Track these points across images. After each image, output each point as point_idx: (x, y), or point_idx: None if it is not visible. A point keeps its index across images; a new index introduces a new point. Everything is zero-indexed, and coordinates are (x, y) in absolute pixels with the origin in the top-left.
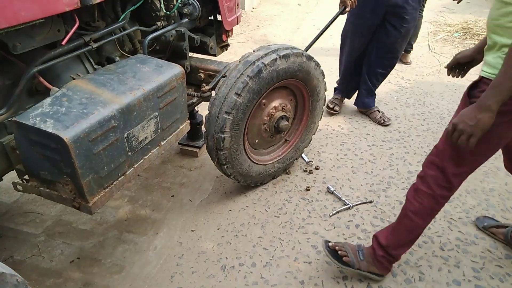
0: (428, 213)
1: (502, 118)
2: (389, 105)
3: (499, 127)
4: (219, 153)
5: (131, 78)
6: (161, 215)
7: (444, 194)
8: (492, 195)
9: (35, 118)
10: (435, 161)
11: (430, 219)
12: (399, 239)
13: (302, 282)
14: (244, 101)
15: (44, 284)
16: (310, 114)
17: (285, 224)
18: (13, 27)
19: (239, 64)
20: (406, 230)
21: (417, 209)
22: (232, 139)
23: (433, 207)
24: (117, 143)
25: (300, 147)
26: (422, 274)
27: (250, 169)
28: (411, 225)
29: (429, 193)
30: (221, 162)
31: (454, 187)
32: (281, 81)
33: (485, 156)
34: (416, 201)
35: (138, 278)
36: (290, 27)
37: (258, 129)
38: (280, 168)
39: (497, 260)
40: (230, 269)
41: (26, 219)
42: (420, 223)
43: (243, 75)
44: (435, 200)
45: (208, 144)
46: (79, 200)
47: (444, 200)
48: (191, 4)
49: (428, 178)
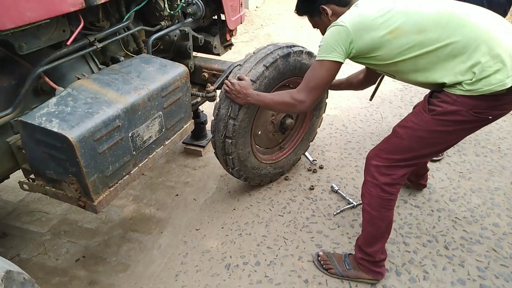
0: (378, 203)
1: (464, 126)
2: (393, 104)
3: (459, 133)
4: (228, 158)
5: (135, 78)
6: (166, 214)
7: (388, 181)
8: (498, 194)
9: (41, 117)
10: (381, 154)
11: (386, 210)
12: (366, 236)
13: (306, 281)
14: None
15: (50, 282)
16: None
17: (289, 223)
18: (19, 28)
19: (241, 68)
20: (368, 224)
21: (368, 201)
22: (239, 143)
23: (381, 197)
24: (121, 143)
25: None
26: (427, 273)
27: (260, 169)
28: (368, 218)
29: (374, 182)
30: (230, 166)
31: (397, 175)
32: (283, 81)
33: (428, 157)
34: (366, 192)
35: (143, 276)
36: (293, 26)
37: (264, 128)
38: (293, 159)
39: (502, 259)
40: (234, 267)
41: (32, 218)
42: (376, 214)
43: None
44: (380, 189)
45: (216, 149)
46: (84, 199)
47: (391, 188)
48: (195, 4)
49: (371, 168)
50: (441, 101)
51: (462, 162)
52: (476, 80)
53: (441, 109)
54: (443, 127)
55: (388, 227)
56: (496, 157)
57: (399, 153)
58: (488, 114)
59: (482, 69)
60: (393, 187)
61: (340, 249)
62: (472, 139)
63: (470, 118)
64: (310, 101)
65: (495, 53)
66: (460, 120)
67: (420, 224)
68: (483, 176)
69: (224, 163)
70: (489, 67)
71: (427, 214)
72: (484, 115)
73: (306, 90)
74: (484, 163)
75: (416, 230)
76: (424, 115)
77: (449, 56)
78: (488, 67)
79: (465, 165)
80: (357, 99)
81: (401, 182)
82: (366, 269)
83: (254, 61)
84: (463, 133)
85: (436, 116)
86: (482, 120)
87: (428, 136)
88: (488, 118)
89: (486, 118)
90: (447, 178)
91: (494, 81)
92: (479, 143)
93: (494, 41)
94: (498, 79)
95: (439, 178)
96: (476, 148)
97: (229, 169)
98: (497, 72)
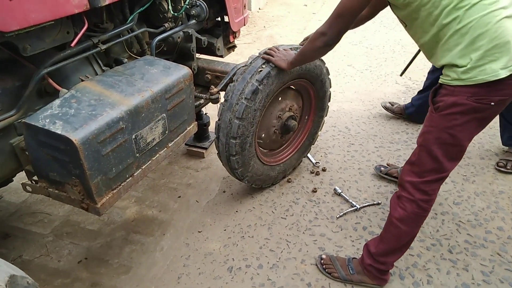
0: (412, 218)
1: (471, 116)
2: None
3: (468, 124)
4: (231, 159)
5: (139, 80)
6: (168, 216)
7: (424, 198)
8: (502, 198)
9: (45, 119)
10: (413, 169)
11: (416, 225)
12: (388, 247)
13: (309, 284)
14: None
15: (52, 284)
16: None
17: (291, 225)
18: (23, 30)
19: (247, 69)
20: (393, 238)
21: (401, 216)
22: (243, 144)
23: (416, 212)
24: (125, 145)
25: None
26: (430, 277)
27: (263, 171)
28: (397, 232)
29: (410, 198)
30: (233, 167)
31: (433, 191)
32: (288, 82)
33: (458, 159)
34: (399, 207)
35: (145, 278)
36: (296, 27)
37: (267, 131)
38: (295, 162)
39: (507, 263)
40: (236, 270)
41: (34, 219)
42: (406, 230)
43: (251, 79)
44: (416, 205)
45: (219, 150)
46: (87, 201)
47: (425, 204)
48: (198, 6)
49: (406, 184)
50: (442, 95)
51: (466, 165)
52: (471, 68)
53: (443, 103)
54: (452, 121)
55: (410, 242)
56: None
57: (427, 163)
58: (488, 100)
59: (479, 57)
60: (428, 204)
61: (343, 252)
62: (476, 142)
63: (473, 105)
64: (332, 33)
65: (499, 42)
66: (464, 110)
67: (424, 227)
68: (487, 179)
69: (227, 165)
70: (486, 55)
71: (431, 218)
72: (485, 102)
73: (329, 20)
74: (488, 166)
75: (420, 233)
76: (432, 115)
77: (461, 33)
78: (486, 56)
79: (469, 168)
80: (360, 101)
81: (435, 197)
82: (372, 276)
83: (260, 62)
84: (473, 125)
85: (442, 112)
86: (485, 107)
87: (443, 136)
88: (490, 104)
89: (488, 104)
90: (451, 181)
91: (487, 71)
92: (483, 146)
93: (502, 29)
94: (492, 69)
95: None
96: (480, 151)
97: (232, 171)
98: (492, 62)
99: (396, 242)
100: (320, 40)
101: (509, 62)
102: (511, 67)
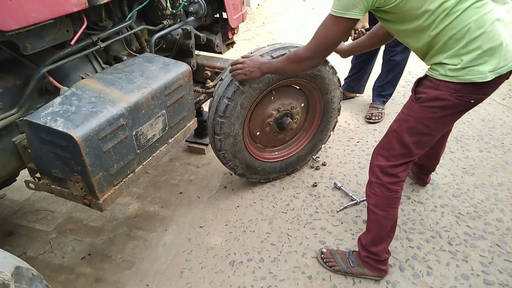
0: (385, 202)
1: (450, 111)
2: (396, 100)
3: (446, 118)
4: (215, 138)
5: (138, 77)
6: (170, 211)
7: (392, 181)
8: (501, 190)
9: (46, 117)
10: (381, 152)
11: (391, 207)
12: (373, 236)
13: (310, 277)
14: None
15: (57, 280)
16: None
17: (292, 220)
18: (23, 28)
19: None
20: (375, 225)
21: (375, 201)
22: (231, 126)
23: (386, 195)
24: (126, 141)
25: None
26: (430, 269)
27: (260, 167)
28: (376, 218)
29: (379, 182)
30: (217, 147)
31: (401, 173)
32: (283, 81)
33: (428, 147)
34: (371, 193)
35: (148, 273)
36: (295, 23)
37: (261, 129)
38: (302, 155)
39: (506, 254)
40: (238, 264)
41: (38, 216)
42: (383, 214)
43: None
44: (385, 188)
45: (208, 128)
46: (89, 198)
47: (394, 186)
48: (197, 3)
49: (375, 168)
50: (425, 87)
51: (465, 158)
52: (460, 68)
53: (425, 95)
54: (431, 114)
55: (393, 226)
56: (500, 153)
57: (397, 148)
58: (469, 98)
59: (471, 59)
60: (397, 185)
61: (344, 245)
62: (475, 134)
63: (454, 102)
64: (318, 59)
65: (491, 46)
66: (445, 105)
67: (424, 220)
68: (487, 171)
69: (220, 158)
70: (478, 58)
71: (431, 210)
72: (466, 99)
73: (315, 48)
74: (487, 159)
75: (420, 226)
76: (412, 105)
77: (453, 38)
78: (477, 59)
79: (468, 161)
80: (359, 95)
81: (404, 178)
82: (371, 267)
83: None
84: (450, 119)
85: (423, 104)
86: (465, 104)
87: (418, 126)
88: (470, 101)
89: (468, 101)
90: (450, 174)
91: (475, 73)
92: (482, 139)
93: (494, 33)
94: (480, 71)
95: (442, 174)
96: (479, 144)
97: (225, 164)
98: (482, 64)
99: (378, 228)
100: (305, 64)
101: (498, 65)
102: (499, 69)
